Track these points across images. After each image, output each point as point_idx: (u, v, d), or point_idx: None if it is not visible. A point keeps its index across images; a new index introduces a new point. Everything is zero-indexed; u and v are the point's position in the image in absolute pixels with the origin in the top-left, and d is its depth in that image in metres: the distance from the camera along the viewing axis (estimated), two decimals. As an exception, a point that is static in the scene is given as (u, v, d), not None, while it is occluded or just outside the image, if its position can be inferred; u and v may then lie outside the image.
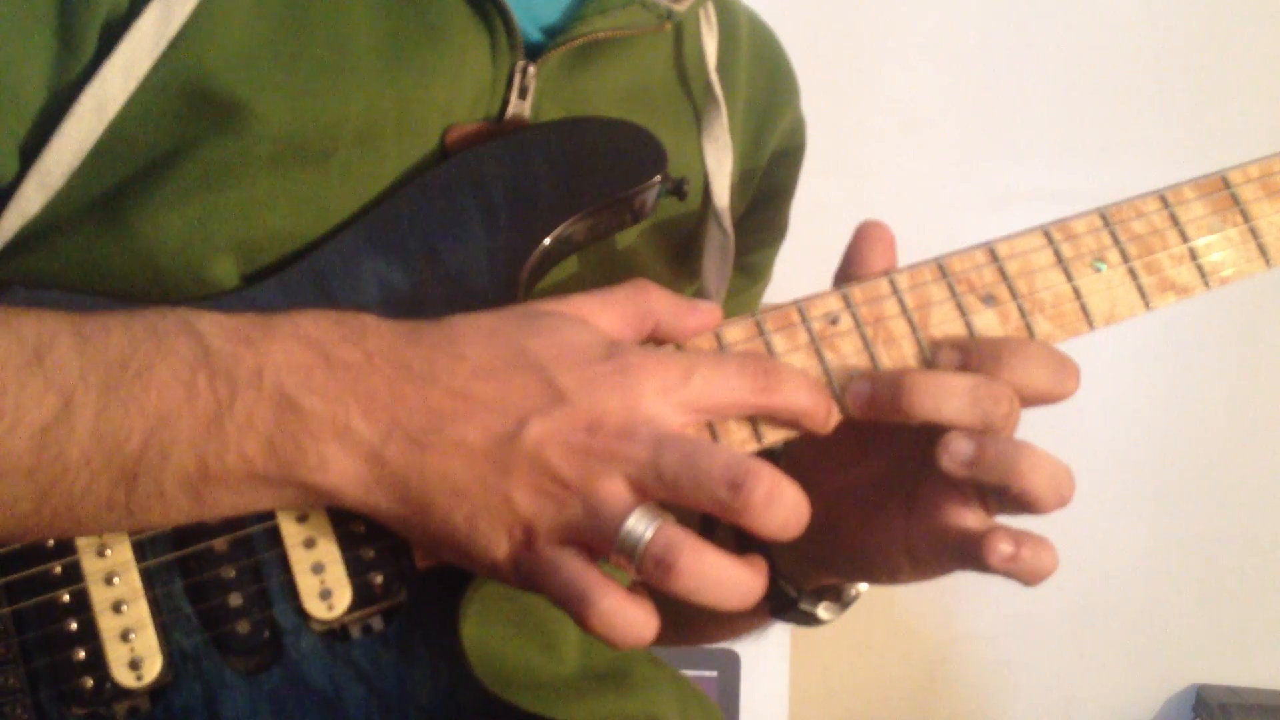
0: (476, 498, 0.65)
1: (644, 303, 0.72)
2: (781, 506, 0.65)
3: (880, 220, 0.76)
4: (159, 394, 0.64)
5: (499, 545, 0.66)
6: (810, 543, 0.82)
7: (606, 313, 0.70)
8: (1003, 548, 0.69)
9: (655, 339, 0.72)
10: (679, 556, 0.64)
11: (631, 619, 0.65)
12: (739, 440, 0.71)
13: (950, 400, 0.69)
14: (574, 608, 0.65)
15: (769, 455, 0.82)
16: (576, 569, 0.65)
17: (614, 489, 0.65)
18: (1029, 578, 0.70)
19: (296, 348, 0.66)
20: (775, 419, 0.70)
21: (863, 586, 0.87)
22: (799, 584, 0.87)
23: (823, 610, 0.88)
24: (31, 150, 0.72)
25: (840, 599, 0.88)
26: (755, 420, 0.71)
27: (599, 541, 0.65)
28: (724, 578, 0.65)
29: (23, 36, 0.71)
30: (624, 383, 0.66)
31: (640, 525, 0.64)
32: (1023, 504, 0.70)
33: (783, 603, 0.88)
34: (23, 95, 0.72)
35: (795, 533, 0.66)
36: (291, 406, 0.65)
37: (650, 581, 0.65)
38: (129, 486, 0.65)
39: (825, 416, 0.71)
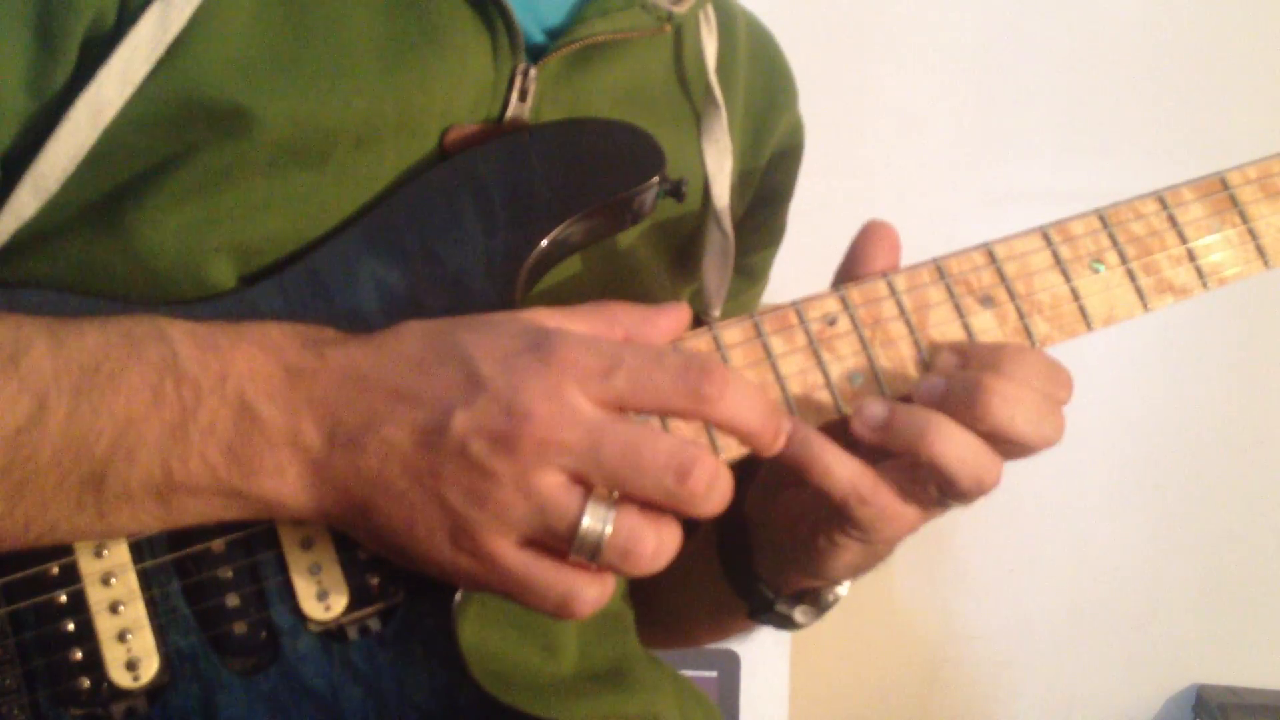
0: (412, 498, 0.65)
1: (608, 314, 0.71)
2: (718, 492, 0.65)
3: (886, 220, 0.76)
4: (127, 398, 0.65)
5: (441, 548, 0.65)
6: (787, 541, 0.82)
7: (570, 323, 0.69)
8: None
9: None
10: (644, 546, 0.64)
11: (610, 592, 0.66)
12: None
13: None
14: (560, 608, 0.65)
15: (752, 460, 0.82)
16: (550, 573, 0.65)
17: (553, 482, 0.64)
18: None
19: (259, 355, 0.67)
20: (718, 430, 0.69)
21: (842, 591, 0.87)
22: (777, 587, 0.86)
23: (799, 614, 0.87)
24: (15, 156, 0.72)
25: (817, 603, 0.87)
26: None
27: (553, 540, 0.64)
28: (673, 546, 0.65)
29: (0, 39, 0.71)
30: (544, 370, 0.64)
31: (598, 520, 0.63)
32: (935, 478, 0.69)
33: (760, 605, 0.88)
34: (1, 100, 0.72)
35: (717, 514, 0.66)
36: (250, 414, 0.65)
37: (611, 570, 0.65)
38: (97, 489, 0.65)
39: (772, 438, 0.69)
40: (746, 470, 0.86)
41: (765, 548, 0.85)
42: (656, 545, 0.64)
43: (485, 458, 0.63)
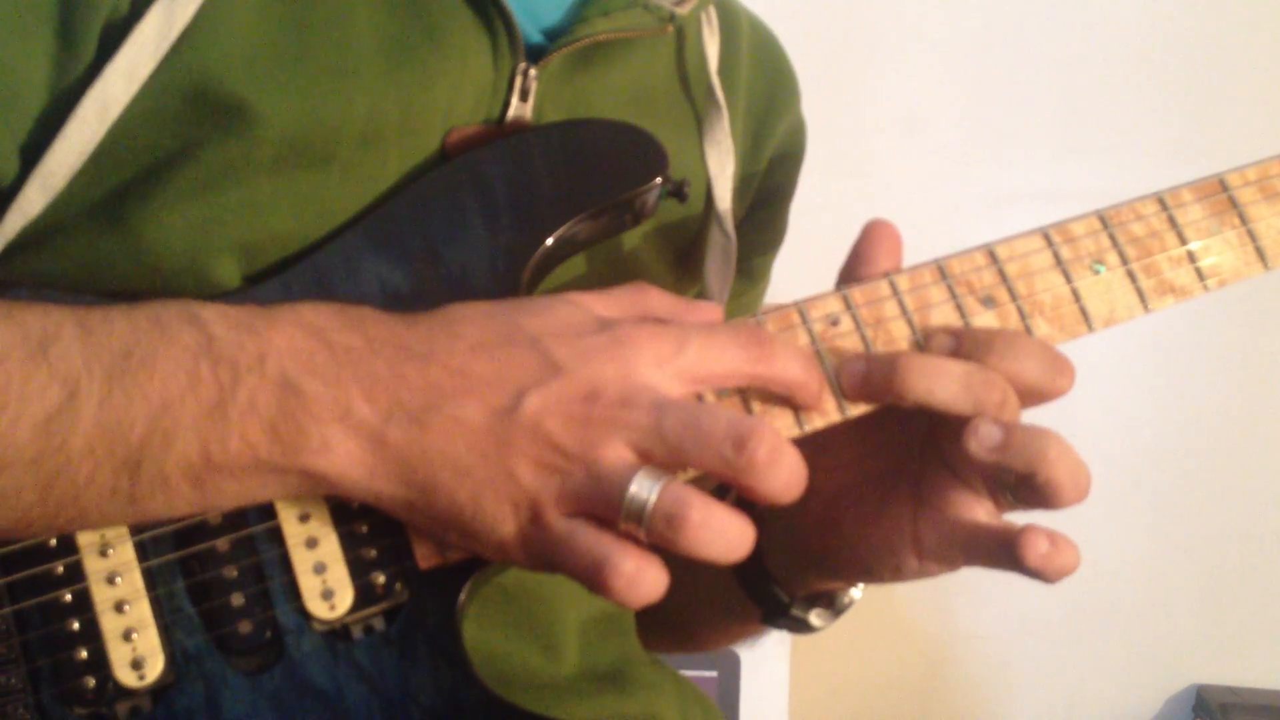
0: (479, 474, 0.65)
1: (643, 301, 0.72)
2: (783, 466, 0.65)
3: (888, 220, 0.77)
4: (162, 381, 0.64)
5: (505, 522, 0.66)
6: (811, 543, 0.82)
7: (604, 307, 0.71)
8: (1041, 545, 0.69)
9: None
10: (689, 511, 0.63)
11: (654, 577, 0.65)
12: None
13: (943, 383, 0.69)
14: (595, 575, 0.65)
15: None
16: (591, 537, 0.65)
17: (615, 454, 0.65)
18: (1055, 576, 0.70)
19: (298, 334, 0.67)
20: (769, 390, 0.70)
21: (856, 594, 0.87)
22: (792, 590, 0.87)
23: (815, 617, 0.87)
24: (32, 151, 0.72)
25: (833, 606, 0.88)
26: (748, 399, 0.71)
27: (605, 508, 0.65)
28: (730, 530, 0.65)
29: (24, 36, 0.71)
30: (619, 353, 0.66)
31: (645, 487, 0.64)
32: (1045, 494, 0.70)
33: (775, 609, 0.88)
34: (23, 95, 0.72)
35: (795, 494, 0.66)
36: (293, 390, 0.65)
37: (661, 542, 0.65)
38: (132, 475, 0.65)
39: (817, 391, 0.71)
40: None
41: (778, 548, 0.85)
42: (704, 515, 0.64)
43: (557, 434, 0.65)
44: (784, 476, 0.65)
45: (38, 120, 0.72)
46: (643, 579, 0.65)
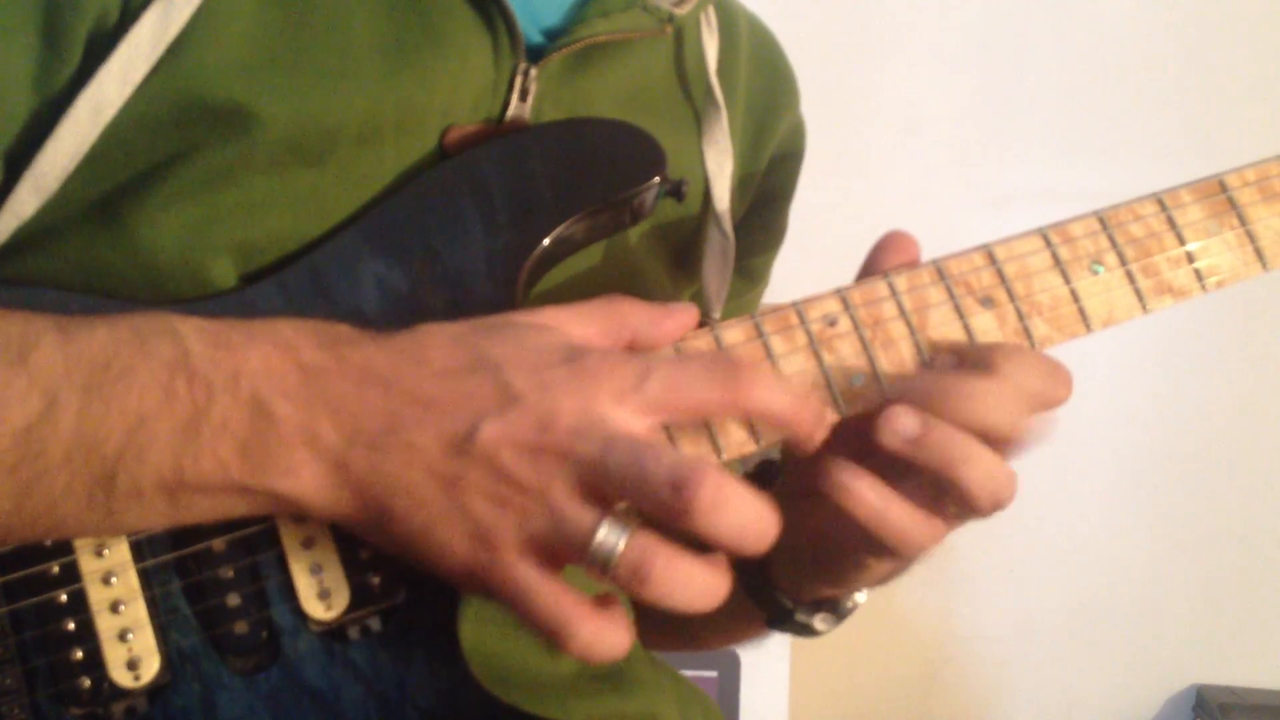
0: (433, 504, 0.65)
1: (617, 314, 0.71)
2: (729, 512, 0.63)
3: (906, 231, 0.76)
4: (139, 396, 0.64)
5: (459, 555, 0.65)
6: (810, 551, 0.82)
7: (580, 324, 0.70)
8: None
9: (635, 349, 0.71)
10: (653, 566, 0.63)
11: (611, 641, 0.65)
12: (737, 441, 0.71)
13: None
14: (551, 635, 0.64)
15: (770, 468, 0.82)
16: (550, 597, 0.64)
17: (571, 494, 0.64)
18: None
19: (273, 353, 0.66)
20: (756, 422, 0.69)
21: (860, 598, 0.87)
22: (795, 596, 0.86)
23: (819, 622, 0.87)
24: (18, 155, 0.73)
25: (837, 610, 0.87)
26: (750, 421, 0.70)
27: (568, 553, 0.64)
28: (695, 582, 0.64)
29: (6, 38, 0.71)
30: (580, 386, 0.65)
31: (612, 536, 0.63)
32: (957, 497, 0.69)
33: (779, 614, 0.87)
34: (7, 99, 0.72)
35: (755, 542, 0.64)
36: (264, 412, 0.65)
37: (623, 590, 0.64)
38: (108, 487, 0.65)
39: (811, 424, 0.69)
40: (761, 479, 0.86)
41: (782, 556, 0.85)
42: (667, 567, 0.63)
43: (511, 466, 0.64)
44: (731, 522, 0.63)
45: (25, 124, 0.72)
46: (599, 643, 0.64)
